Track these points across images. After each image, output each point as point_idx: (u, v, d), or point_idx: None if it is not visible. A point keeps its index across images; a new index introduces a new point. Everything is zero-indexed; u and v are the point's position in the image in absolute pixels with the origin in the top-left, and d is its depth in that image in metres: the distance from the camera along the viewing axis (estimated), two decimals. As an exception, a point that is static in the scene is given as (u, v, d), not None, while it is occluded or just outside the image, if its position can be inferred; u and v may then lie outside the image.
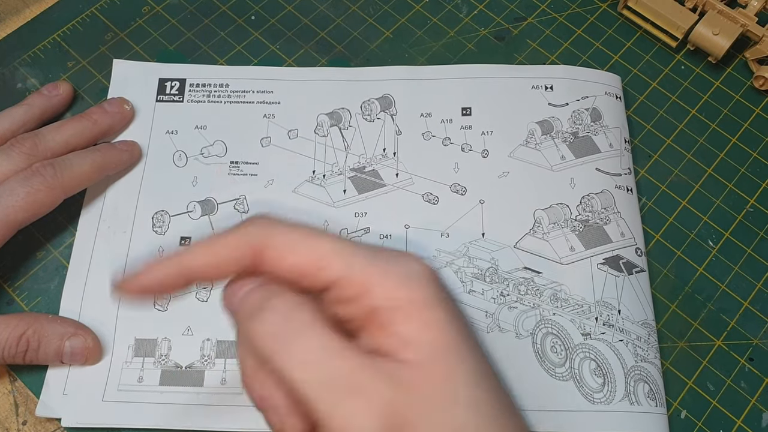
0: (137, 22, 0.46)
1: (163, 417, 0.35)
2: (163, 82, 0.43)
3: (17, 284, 0.38)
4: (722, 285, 0.40)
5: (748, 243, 0.41)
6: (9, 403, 0.36)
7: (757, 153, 0.43)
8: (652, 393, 0.35)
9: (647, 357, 0.36)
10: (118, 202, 0.40)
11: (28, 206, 0.35)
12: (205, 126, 0.42)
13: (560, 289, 0.38)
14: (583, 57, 0.46)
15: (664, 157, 0.43)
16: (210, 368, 0.36)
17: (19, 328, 0.34)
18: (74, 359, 0.35)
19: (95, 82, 0.44)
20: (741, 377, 0.37)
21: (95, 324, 0.36)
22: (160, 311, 0.37)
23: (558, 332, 0.36)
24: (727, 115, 0.44)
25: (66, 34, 0.46)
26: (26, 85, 0.44)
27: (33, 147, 0.37)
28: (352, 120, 0.42)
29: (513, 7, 0.48)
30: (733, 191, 0.42)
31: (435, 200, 0.40)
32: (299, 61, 0.45)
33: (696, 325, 0.39)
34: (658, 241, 0.41)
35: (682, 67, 0.46)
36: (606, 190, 0.40)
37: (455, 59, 0.45)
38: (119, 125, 0.41)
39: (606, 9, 0.48)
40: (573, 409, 0.35)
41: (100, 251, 0.38)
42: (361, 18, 0.47)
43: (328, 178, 0.41)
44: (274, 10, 0.47)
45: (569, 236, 0.39)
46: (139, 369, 0.36)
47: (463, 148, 0.41)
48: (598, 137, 0.42)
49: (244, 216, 0.39)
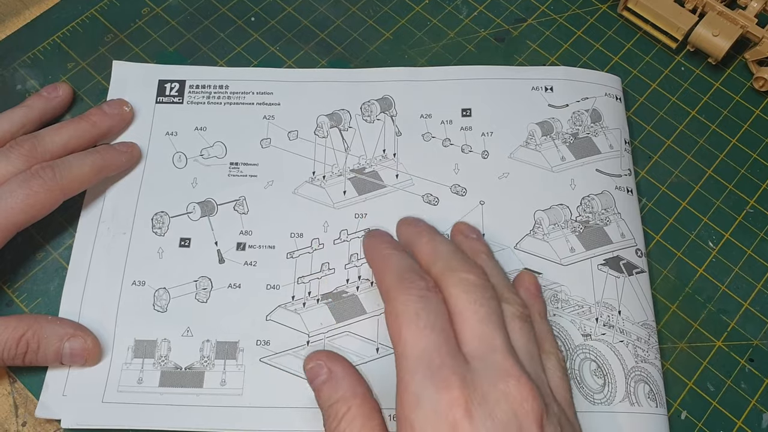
0: (137, 23, 0.46)
1: (162, 418, 0.35)
2: (163, 83, 0.43)
3: (17, 285, 0.38)
4: (722, 286, 0.40)
5: (748, 244, 0.41)
6: (8, 404, 0.36)
7: (756, 154, 0.43)
8: (652, 394, 0.35)
9: (647, 358, 0.36)
10: (118, 203, 0.40)
11: (27, 208, 0.35)
12: (205, 127, 0.42)
13: (560, 290, 0.38)
14: (583, 58, 0.46)
15: (664, 158, 0.43)
16: (210, 369, 0.36)
17: (19, 329, 0.34)
18: (74, 360, 0.35)
19: (95, 83, 0.44)
20: (741, 378, 0.37)
21: (95, 325, 0.36)
22: (159, 312, 0.37)
23: (558, 333, 0.36)
24: (727, 116, 0.44)
25: (66, 36, 0.46)
26: (26, 87, 0.44)
27: (32, 149, 0.37)
28: (352, 121, 0.42)
29: (513, 8, 0.48)
30: (733, 192, 0.42)
31: (435, 201, 0.40)
32: (299, 63, 0.45)
33: (696, 326, 0.38)
34: (659, 242, 0.41)
35: (682, 69, 0.46)
36: (606, 191, 0.40)
37: (455, 60, 0.45)
38: (119, 127, 0.41)
39: (606, 10, 0.48)
40: (573, 410, 0.35)
41: (99, 252, 0.38)
42: (361, 19, 0.47)
43: (328, 179, 0.41)
44: (274, 11, 0.47)
45: (569, 237, 0.39)
46: (138, 370, 0.36)
47: (463, 149, 0.41)
48: (598, 138, 0.42)
49: (244, 217, 0.39)
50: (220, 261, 0.38)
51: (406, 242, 0.34)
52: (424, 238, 0.33)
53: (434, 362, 0.27)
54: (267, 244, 0.39)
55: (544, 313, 0.35)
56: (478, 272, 0.31)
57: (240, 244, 0.39)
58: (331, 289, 0.38)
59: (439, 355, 0.27)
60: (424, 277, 0.30)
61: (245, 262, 0.38)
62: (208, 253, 0.38)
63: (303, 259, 0.38)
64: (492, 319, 0.29)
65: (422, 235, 0.33)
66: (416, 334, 0.28)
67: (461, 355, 0.28)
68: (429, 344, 0.28)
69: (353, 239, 0.39)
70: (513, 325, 0.31)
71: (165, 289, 0.37)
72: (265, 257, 0.38)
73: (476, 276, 0.30)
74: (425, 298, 0.29)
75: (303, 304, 0.37)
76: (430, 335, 0.28)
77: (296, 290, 0.38)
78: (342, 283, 0.38)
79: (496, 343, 0.28)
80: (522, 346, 0.30)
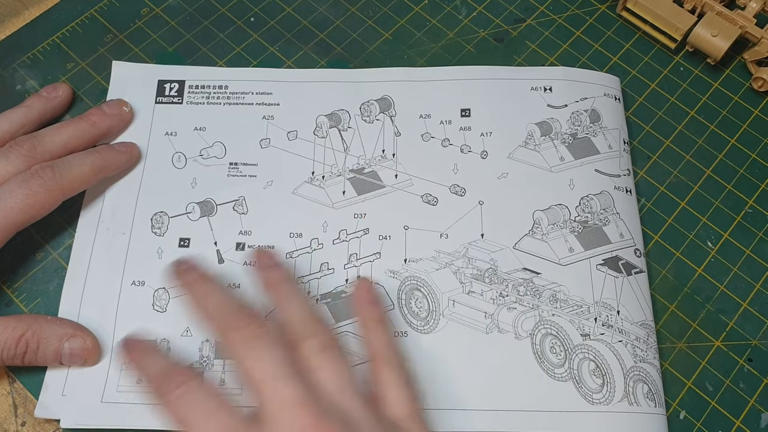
0: (136, 23, 0.46)
1: (162, 418, 0.35)
2: (163, 83, 0.43)
3: (16, 285, 0.38)
4: (721, 286, 0.40)
5: (747, 244, 0.41)
6: (8, 404, 0.36)
7: (755, 154, 0.43)
8: (651, 393, 0.35)
9: (646, 357, 0.36)
10: (117, 203, 0.40)
11: (27, 208, 0.35)
12: (205, 127, 0.42)
13: (559, 290, 0.38)
14: (582, 58, 0.46)
15: (663, 158, 0.43)
16: (209, 369, 0.36)
17: (18, 329, 0.34)
18: (73, 360, 0.35)
19: (94, 83, 0.44)
20: (740, 378, 0.37)
21: (94, 325, 0.36)
22: (159, 312, 0.37)
23: (557, 333, 0.36)
24: (726, 117, 0.44)
25: (65, 36, 0.46)
26: (25, 87, 0.44)
27: (32, 149, 0.37)
28: (352, 121, 0.42)
29: (512, 8, 0.48)
30: (732, 192, 0.42)
31: (434, 201, 0.40)
32: (298, 63, 0.45)
33: (695, 326, 0.39)
34: (657, 242, 0.41)
35: (681, 69, 0.46)
36: (605, 191, 0.40)
37: (454, 61, 0.45)
38: (118, 127, 0.41)
39: (605, 11, 0.48)
40: (572, 409, 0.35)
41: (99, 252, 0.38)
42: (361, 20, 0.47)
43: (327, 179, 0.41)
44: (274, 11, 0.47)
45: (568, 237, 0.39)
46: (138, 370, 0.36)
47: (462, 150, 0.41)
48: (597, 138, 0.42)
49: (243, 217, 0.39)
50: (219, 261, 0.38)
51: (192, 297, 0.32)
52: (195, 289, 0.31)
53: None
54: (266, 244, 0.39)
55: (380, 319, 0.34)
56: (254, 324, 0.29)
57: (239, 244, 0.39)
58: (330, 289, 0.38)
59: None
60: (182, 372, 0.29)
61: (245, 262, 0.38)
62: (207, 253, 0.38)
63: (302, 259, 0.38)
64: (278, 373, 0.28)
65: (193, 286, 0.32)
66: (201, 423, 0.28)
67: (253, 425, 0.27)
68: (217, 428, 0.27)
69: (352, 239, 0.39)
70: (316, 362, 0.29)
71: (164, 289, 0.38)
72: (264, 257, 0.38)
73: (253, 329, 0.29)
74: (189, 390, 0.28)
75: (302, 304, 0.37)
76: (212, 420, 0.27)
77: (295, 290, 0.38)
78: (341, 283, 0.38)
79: (285, 398, 0.27)
80: (330, 383, 0.29)
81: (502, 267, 0.38)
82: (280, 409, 0.27)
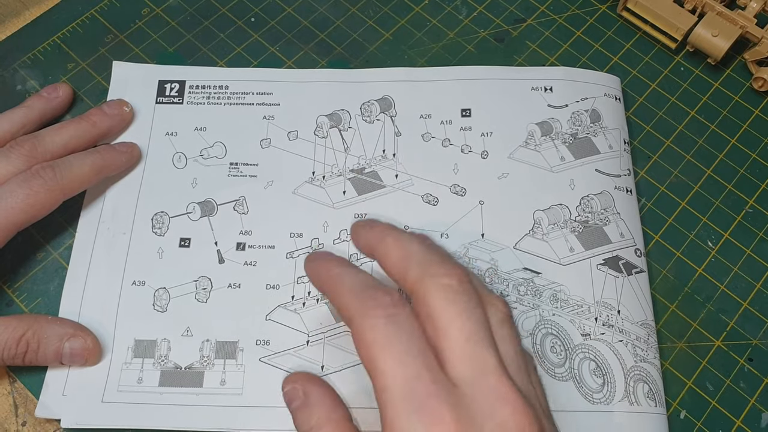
0: (137, 24, 0.46)
1: (162, 418, 0.35)
2: (163, 83, 0.43)
3: (17, 285, 0.38)
4: (721, 285, 0.40)
5: (748, 244, 0.41)
6: (8, 404, 0.36)
7: (756, 154, 0.43)
8: (651, 393, 0.35)
9: (647, 357, 0.36)
10: (118, 203, 0.40)
11: (27, 208, 0.35)
12: (205, 128, 0.42)
13: (560, 290, 0.38)
14: (583, 58, 0.46)
15: (664, 158, 0.43)
16: (209, 369, 0.36)
17: (19, 329, 0.34)
18: (74, 360, 0.35)
19: (95, 84, 0.44)
20: (740, 377, 0.37)
21: (95, 325, 0.36)
22: (159, 312, 0.37)
23: (557, 333, 0.36)
24: (727, 117, 0.44)
25: (66, 36, 0.46)
26: (26, 87, 0.44)
27: (32, 149, 0.37)
28: (352, 121, 0.42)
29: (512, 8, 0.48)
30: (732, 192, 0.42)
31: (434, 201, 0.40)
32: (299, 63, 0.45)
33: (695, 326, 0.39)
34: (658, 241, 0.41)
35: (681, 69, 0.46)
36: (605, 191, 0.40)
37: (455, 61, 0.46)
38: (119, 127, 0.41)
39: (605, 11, 0.48)
40: (572, 409, 0.35)
41: (99, 252, 0.38)
42: (361, 20, 0.47)
43: (327, 179, 0.41)
44: (274, 11, 0.47)
45: (569, 237, 0.39)
46: (138, 370, 0.36)
47: (463, 150, 0.41)
48: (597, 138, 0.42)
49: (244, 217, 0.39)
50: (219, 261, 0.38)
51: (368, 249, 0.30)
52: (388, 239, 0.28)
53: (419, 393, 0.24)
54: (267, 244, 0.39)
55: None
56: (461, 275, 0.27)
57: (240, 244, 0.39)
58: (330, 289, 0.38)
59: (423, 384, 0.24)
60: (387, 291, 0.26)
61: (245, 262, 0.38)
62: (207, 253, 0.39)
63: (303, 259, 0.38)
64: (481, 335, 0.26)
65: (386, 238, 0.29)
66: (393, 363, 0.25)
67: (448, 381, 0.25)
68: (409, 373, 0.24)
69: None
70: (501, 332, 0.27)
71: (165, 289, 0.38)
72: (264, 257, 0.38)
73: (459, 281, 0.26)
74: (394, 318, 0.25)
75: (303, 303, 0.37)
76: (409, 362, 0.25)
77: (296, 290, 0.38)
78: (342, 282, 0.38)
79: (487, 364, 0.25)
80: (512, 360, 0.26)
81: (502, 267, 0.38)
82: (481, 374, 0.25)
